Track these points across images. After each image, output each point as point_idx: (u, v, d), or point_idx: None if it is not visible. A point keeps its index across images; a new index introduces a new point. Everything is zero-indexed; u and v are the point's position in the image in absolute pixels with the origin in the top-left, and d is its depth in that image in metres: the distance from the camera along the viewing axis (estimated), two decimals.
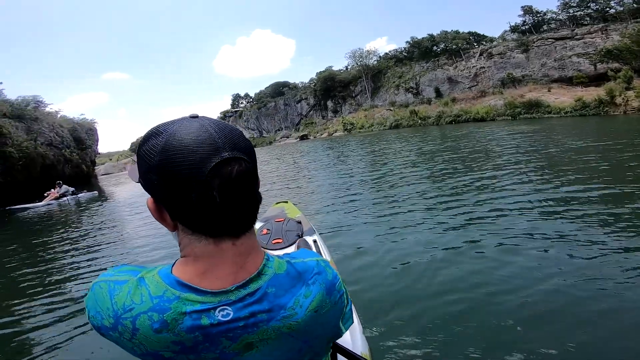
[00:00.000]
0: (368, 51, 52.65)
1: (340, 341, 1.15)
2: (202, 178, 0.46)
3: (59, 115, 22.74)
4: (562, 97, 26.57)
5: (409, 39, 48.51)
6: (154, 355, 0.49)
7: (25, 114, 17.59)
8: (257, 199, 0.53)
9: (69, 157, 20.03)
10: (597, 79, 27.80)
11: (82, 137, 23.16)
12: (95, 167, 28.61)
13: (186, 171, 0.46)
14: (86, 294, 0.53)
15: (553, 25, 37.35)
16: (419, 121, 33.96)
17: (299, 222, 2.64)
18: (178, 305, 0.48)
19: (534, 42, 34.26)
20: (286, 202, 3.44)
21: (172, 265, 0.53)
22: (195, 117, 0.52)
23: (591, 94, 24.27)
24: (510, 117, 26.44)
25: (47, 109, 21.86)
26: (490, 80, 36.56)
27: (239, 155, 0.49)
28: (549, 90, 28.94)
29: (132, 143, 75.50)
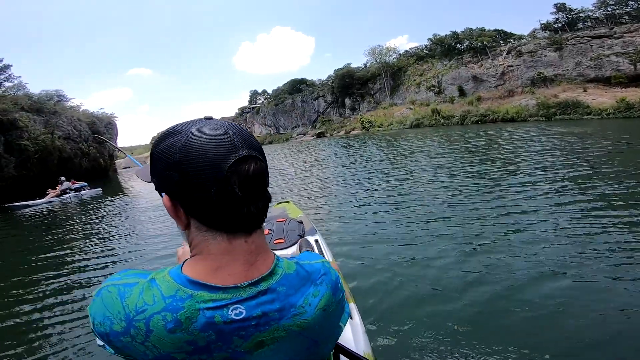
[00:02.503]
0: (388, 48, 51.43)
1: (342, 341, 1.13)
2: (222, 174, 0.48)
3: (80, 110, 22.77)
4: (600, 98, 24.76)
5: (431, 36, 47.08)
6: (167, 357, 0.48)
7: (44, 107, 17.43)
8: (268, 196, 0.56)
9: (86, 150, 19.85)
10: (636, 79, 26.18)
11: (100, 131, 22.99)
12: (116, 161, 28.61)
13: (207, 167, 0.48)
14: (86, 303, 0.54)
15: (589, 24, 35.25)
16: (442, 120, 32.44)
17: (301, 222, 2.62)
18: (191, 304, 0.48)
19: (568, 40, 32.35)
20: (288, 202, 3.42)
21: (182, 265, 0.53)
22: (209, 118, 0.54)
23: (633, 94, 22.49)
24: (543, 118, 24.63)
25: (69, 104, 21.96)
26: (519, 79, 34.78)
27: (255, 154, 0.52)
28: (584, 91, 27.08)
29: (152, 137, 76.87)
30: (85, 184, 12.93)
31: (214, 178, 0.48)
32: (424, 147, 14.27)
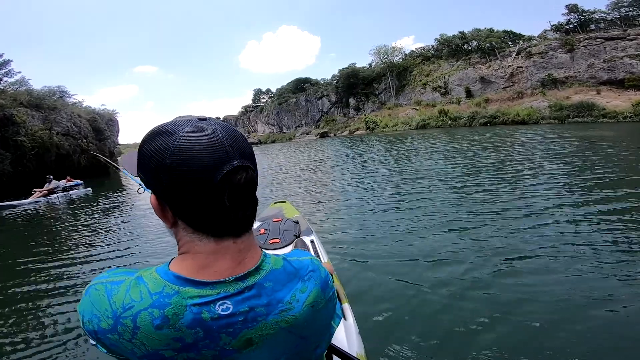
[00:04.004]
0: (393, 48, 50.79)
1: (335, 342, 1.12)
2: (214, 184, 0.48)
3: (83, 106, 22.41)
4: (613, 101, 24.05)
5: (438, 36, 46.35)
6: (155, 355, 0.48)
7: (43, 103, 16.99)
8: (256, 201, 0.56)
9: (85, 147, 19.38)
10: None
11: (101, 127, 22.59)
12: (117, 159, 28.20)
13: (199, 176, 0.48)
14: (74, 301, 0.53)
15: (602, 25, 34.45)
16: (449, 122, 31.72)
17: (297, 222, 2.61)
18: (178, 300, 0.48)
19: (580, 42, 31.57)
20: (284, 202, 3.41)
21: (169, 263, 0.53)
22: (203, 119, 0.53)
23: None
24: (556, 121, 23.89)
25: (71, 100, 21.61)
26: (529, 81, 34.04)
27: (247, 164, 0.52)
28: (598, 93, 26.36)
29: None
30: (81, 182, 12.38)
31: (205, 187, 0.48)
32: (430, 149, 13.69)
